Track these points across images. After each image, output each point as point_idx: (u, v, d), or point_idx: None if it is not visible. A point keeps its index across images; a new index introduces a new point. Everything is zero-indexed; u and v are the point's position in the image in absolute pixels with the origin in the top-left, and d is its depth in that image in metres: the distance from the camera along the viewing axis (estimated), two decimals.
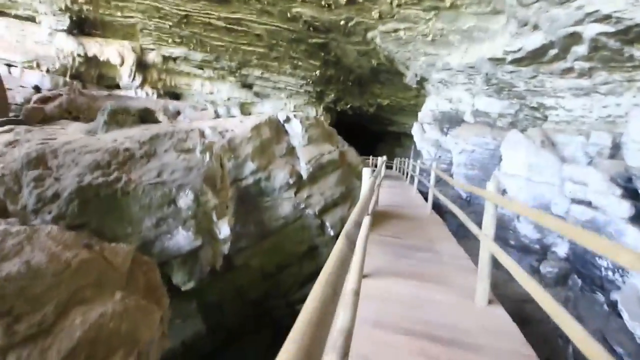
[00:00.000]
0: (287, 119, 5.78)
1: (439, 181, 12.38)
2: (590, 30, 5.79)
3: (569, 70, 7.35)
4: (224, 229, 3.48)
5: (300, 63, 17.35)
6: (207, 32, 15.33)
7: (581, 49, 6.45)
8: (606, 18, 5.76)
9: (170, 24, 15.07)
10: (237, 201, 4.07)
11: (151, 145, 3.50)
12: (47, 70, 15.32)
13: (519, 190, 8.51)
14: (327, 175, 5.84)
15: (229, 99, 18.64)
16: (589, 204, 6.71)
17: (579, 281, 6.26)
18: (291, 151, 5.58)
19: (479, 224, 2.97)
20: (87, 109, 8.91)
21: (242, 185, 4.40)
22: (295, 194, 5.09)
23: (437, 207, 8.28)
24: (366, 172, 2.94)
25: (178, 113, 13.29)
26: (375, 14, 11.53)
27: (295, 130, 5.82)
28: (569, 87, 7.80)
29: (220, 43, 15.94)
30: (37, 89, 13.49)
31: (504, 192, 9.40)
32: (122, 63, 15.84)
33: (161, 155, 3.51)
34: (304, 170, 5.40)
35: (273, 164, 4.90)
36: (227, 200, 3.84)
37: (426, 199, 8.03)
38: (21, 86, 12.15)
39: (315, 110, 21.37)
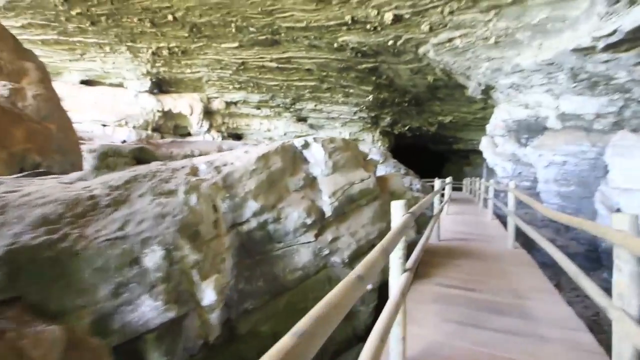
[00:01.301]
0: (306, 144, 4.81)
1: (520, 202, 10.42)
2: None
3: None
4: (208, 294, 2.67)
5: (351, 90, 17.21)
6: (262, 74, 16.29)
7: None
8: None
9: (230, 72, 16.43)
10: (238, 251, 3.27)
11: (125, 190, 2.94)
12: (134, 127, 17.80)
13: None
14: (359, 209, 4.62)
15: (285, 133, 19.24)
16: None
17: None
18: (311, 183, 4.53)
19: (587, 256, 1.85)
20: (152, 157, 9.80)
21: (243, 230, 3.51)
22: (316, 236, 4.02)
23: (523, 236, 6.72)
24: (397, 208, 2.02)
25: None
26: (425, 27, 10.80)
27: (317, 157, 4.78)
28: None
29: (274, 83, 16.75)
30: (124, 143, 15.60)
31: (617, 211, 7.29)
32: (192, 113, 17.59)
33: (134, 201, 2.87)
34: (328, 205, 4.29)
35: (285, 200, 3.94)
36: (223, 252, 3.11)
37: (506, 226, 6.52)
38: (112, 142, 14.10)
39: (372, 135, 20.80)
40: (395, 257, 1.96)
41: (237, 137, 19.22)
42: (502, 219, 8.98)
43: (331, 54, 14.29)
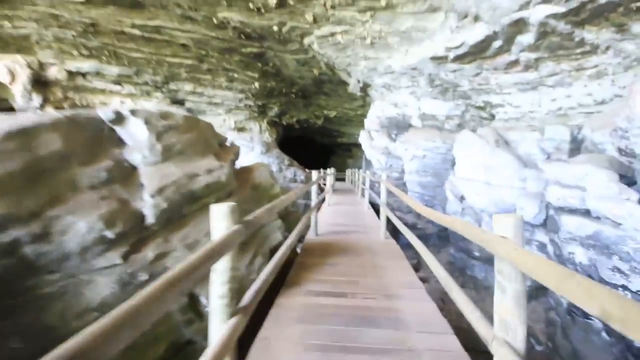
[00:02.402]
0: (119, 118, 3.30)
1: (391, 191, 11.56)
2: (537, 13, 5.24)
3: (514, 63, 6.90)
4: None
5: (236, 75, 15.92)
6: (121, 42, 13.30)
7: (527, 38, 5.94)
8: None
9: (74, 33, 12.80)
10: None
11: None
12: None
13: (478, 196, 7.85)
14: (202, 211, 3.46)
15: None
16: (586, 213, 5.26)
17: (563, 300, 5.37)
18: (127, 175, 3.12)
19: (439, 235, 1.63)
20: None
21: None
22: (127, 256, 2.69)
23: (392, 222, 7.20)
24: (218, 216, 1.35)
25: None
26: (309, 17, 10.62)
27: (138, 138, 3.37)
28: (514, 82, 7.38)
29: (139, 55, 13.96)
30: None
31: (462, 198, 8.72)
32: (13, 81, 13.08)
33: None
34: (150, 207, 3.01)
35: (65, 204, 2.49)
36: None
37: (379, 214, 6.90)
38: None
39: (259, 125, 19.96)
40: (215, 296, 1.27)
41: None
42: (377, 208, 9.69)
43: (211, 31, 12.71)
